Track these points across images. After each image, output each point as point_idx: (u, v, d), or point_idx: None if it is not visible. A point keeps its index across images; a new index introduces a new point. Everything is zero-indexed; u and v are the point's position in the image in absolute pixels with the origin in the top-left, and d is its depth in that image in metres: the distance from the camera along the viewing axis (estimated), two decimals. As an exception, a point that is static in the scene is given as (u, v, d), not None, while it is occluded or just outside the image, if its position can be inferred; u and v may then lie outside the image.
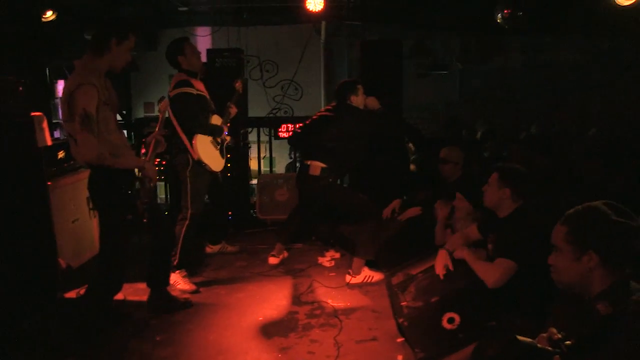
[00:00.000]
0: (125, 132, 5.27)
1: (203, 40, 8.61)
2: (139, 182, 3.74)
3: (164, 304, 4.17)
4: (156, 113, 4.39)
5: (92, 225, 5.18)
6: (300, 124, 6.75)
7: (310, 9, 7.00)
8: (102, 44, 3.54)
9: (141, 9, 7.93)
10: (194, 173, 4.77)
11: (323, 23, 9.00)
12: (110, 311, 4.00)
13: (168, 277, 4.28)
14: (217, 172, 5.02)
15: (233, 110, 5.15)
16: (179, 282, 4.60)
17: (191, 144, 4.72)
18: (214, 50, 6.85)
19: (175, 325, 3.99)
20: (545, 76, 9.39)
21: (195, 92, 4.76)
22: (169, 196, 6.90)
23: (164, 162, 6.49)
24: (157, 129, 3.99)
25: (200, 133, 4.75)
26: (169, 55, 4.85)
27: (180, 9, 8.09)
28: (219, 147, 4.96)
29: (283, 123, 7.15)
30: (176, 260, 4.62)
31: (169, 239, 4.25)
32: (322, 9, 7.03)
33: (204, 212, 4.95)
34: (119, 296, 4.03)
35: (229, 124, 5.09)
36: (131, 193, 3.68)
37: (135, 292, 4.45)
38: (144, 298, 4.20)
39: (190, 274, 4.79)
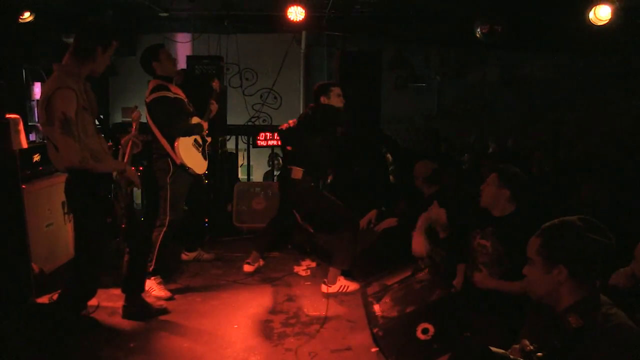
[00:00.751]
0: (102, 136, 5.25)
1: (183, 46, 8.61)
2: (117, 186, 3.70)
3: (139, 311, 4.14)
4: (134, 119, 4.39)
5: (66, 229, 5.12)
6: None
7: (291, 19, 7.03)
8: (87, 52, 3.52)
9: (121, 14, 7.90)
10: (175, 179, 4.76)
11: (303, 33, 8.97)
12: (84, 317, 3.97)
13: (143, 283, 4.25)
14: (200, 174, 5.05)
15: (214, 107, 5.17)
16: (154, 288, 4.57)
17: (173, 148, 4.71)
18: (194, 57, 6.85)
19: (149, 332, 3.97)
20: (522, 91, 9.53)
21: (172, 95, 4.77)
22: (144, 201, 6.87)
23: (140, 168, 6.34)
24: (132, 131, 3.97)
25: (180, 135, 4.74)
26: (144, 61, 4.84)
27: (161, 14, 8.06)
28: (200, 148, 4.97)
29: (261, 131, 7.17)
30: (152, 267, 4.58)
31: (146, 245, 4.20)
32: (302, 19, 7.06)
33: (181, 218, 4.96)
34: (93, 302, 4.01)
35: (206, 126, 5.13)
36: (110, 197, 3.64)
37: (109, 297, 4.41)
38: (119, 304, 4.17)
39: (166, 281, 4.76)
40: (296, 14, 7.03)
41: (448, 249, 4.19)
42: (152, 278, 4.61)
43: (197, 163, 4.92)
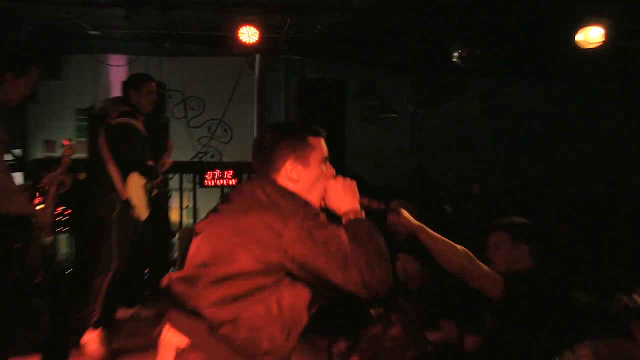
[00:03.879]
0: (20, 175, 5.25)
1: (117, 71, 8.56)
2: (31, 233, 3.65)
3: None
4: (59, 154, 4.43)
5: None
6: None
7: (244, 41, 7.15)
8: None
9: (42, 31, 7.89)
10: (121, 217, 4.85)
11: (257, 56, 9.01)
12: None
13: (69, 350, 4.13)
14: (139, 220, 5.08)
15: (168, 162, 5.47)
16: (93, 342, 4.56)
17: (124, 181, 4.85)
18: (130, 83, 6.93)
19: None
20: (505, 124, 9.68)
21: (140, 127, 4.97)
22: (76, 249, 6.67)
23: (68, 211, 6.35)
24: (60, 168, 4.10)
25: (137, 170, 4.91)
26: (123, 85, 5.14)
27: (91, 32, 8.04)
28: (148, 196, 5.09)
29: (209, 169, 7.24)
30: (96, 317, 4.61)
31: (68, 303, 4.08)
32: (256, 41, 7.15)
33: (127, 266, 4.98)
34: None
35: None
36: (20, 247, 3.57)
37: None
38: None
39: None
40: (249, 35, 7.09)
41: (425, 301, 4.22)
42: (96, 330, 4.60)
43: (141, 206, 5.02)
